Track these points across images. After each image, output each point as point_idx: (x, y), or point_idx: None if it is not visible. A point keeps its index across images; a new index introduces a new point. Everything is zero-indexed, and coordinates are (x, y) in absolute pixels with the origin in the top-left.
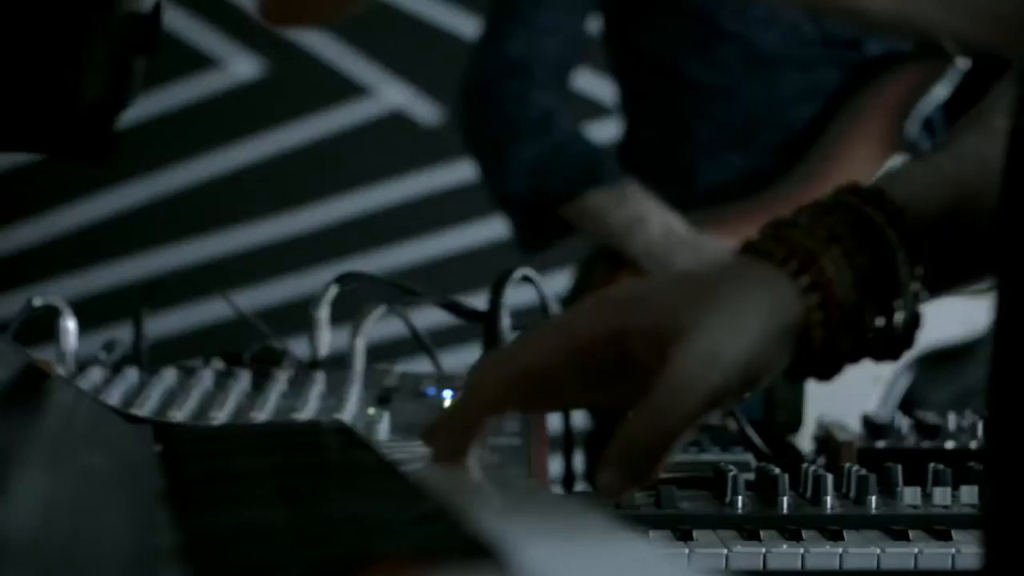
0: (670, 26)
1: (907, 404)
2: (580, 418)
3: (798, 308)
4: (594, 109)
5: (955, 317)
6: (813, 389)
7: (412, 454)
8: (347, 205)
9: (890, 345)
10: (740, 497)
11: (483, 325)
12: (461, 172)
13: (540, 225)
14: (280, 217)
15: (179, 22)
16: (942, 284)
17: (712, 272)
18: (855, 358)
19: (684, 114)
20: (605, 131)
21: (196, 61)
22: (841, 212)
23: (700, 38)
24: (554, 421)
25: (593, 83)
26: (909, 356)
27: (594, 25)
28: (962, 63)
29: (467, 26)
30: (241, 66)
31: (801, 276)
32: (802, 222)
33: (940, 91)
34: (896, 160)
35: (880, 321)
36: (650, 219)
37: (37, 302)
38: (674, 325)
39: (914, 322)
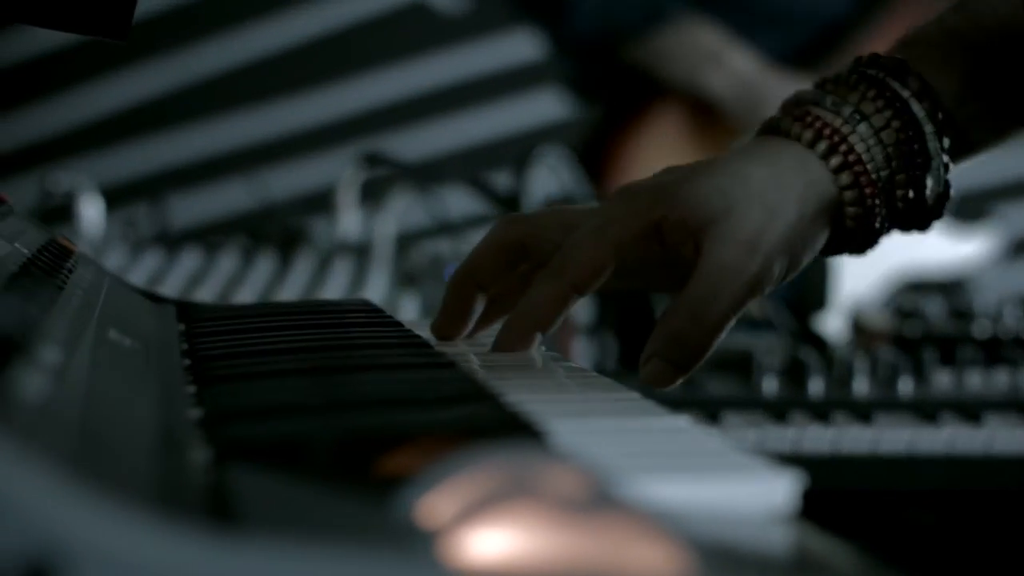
0: None
1: None
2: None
3: (831, 188)
4: None
5: None
6: (839, 270)
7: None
8: (371, 90)
9: (921, 216)
10: (769, 379)
11: (508, 206)
12: (483, 59)
13: (604, 69)
14: (304, 101)
15: None
16: (966, 150)
17: (741, 158)
18: (887, 231)
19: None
20: None
21: None
22: (865, 87)
23: None
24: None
25: None
26: None
27: None
28: None
29: None
30: None
31: (831, 157)
32: (826, 101)
33: None
34: None
35: (910, 193)
36: (724, 57)
37: (59, 182)
38: (708, 214)
39: (945, 192)
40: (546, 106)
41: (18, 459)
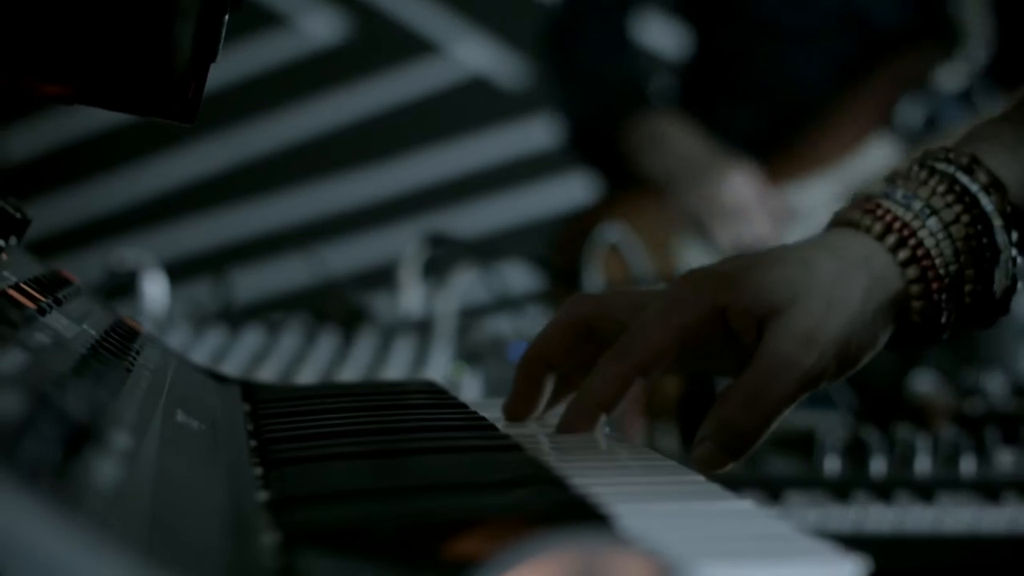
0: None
1: None
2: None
3: (897, 282)
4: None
5: None
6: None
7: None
8: (432, 165)
9: (987, 312)
10: (831, 458)
11: (568, 284)
12: (545, 134)
13: (592, 150)
14: (366, 177)
15: None
16: None
17: (809, 248)
18: (953, 326)
19: (711, 72)
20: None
21: (269, 19)
22: (935, 182)
23: (730, 10)
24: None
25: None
26: None
27: None
28: (976, 56)
29: None
30: (317, 25)
31: (900, 250)
32: (896, 195)
33: (948, 82)
34: (878, 136)
35: (978, 287)
36: (668, 140)
37: (123, 259)
38: (772, 305)
39: (1012, 286)
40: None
41: (93, 546)
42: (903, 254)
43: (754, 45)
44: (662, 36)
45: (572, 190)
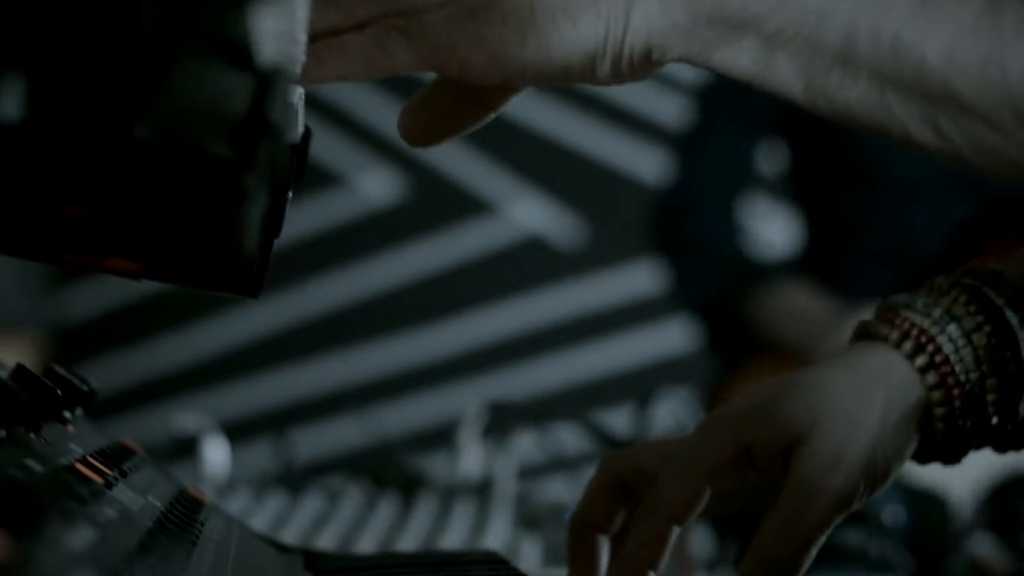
0: (827, 162)
1: None
2: None
3: (917, 391)
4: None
5: None
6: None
7: None
8: (489, 325)
9: (1014, 434)
10: None
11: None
12: (602, 293)
13: (718, 324)
14: (420, 338)
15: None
16: None
17: (824, 368)
18: (979, 443)
19: (833, 237)
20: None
21: (326, 179)
22: (958, 292)
23: (849, 172)
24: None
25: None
26: None
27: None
28: None
29: (603, 144)
30: (373, 185)
31: (917, 356)
32: (917, 304)
33: None
34: None
35: (1002, 400)
36: (803, 310)
37: (184, 424)
38: (795, 434)
39: None
40: (667, 340)
41: None
42: (921, 360)
43: (877, 204)
44: (770, 220)
45: (630, 350)
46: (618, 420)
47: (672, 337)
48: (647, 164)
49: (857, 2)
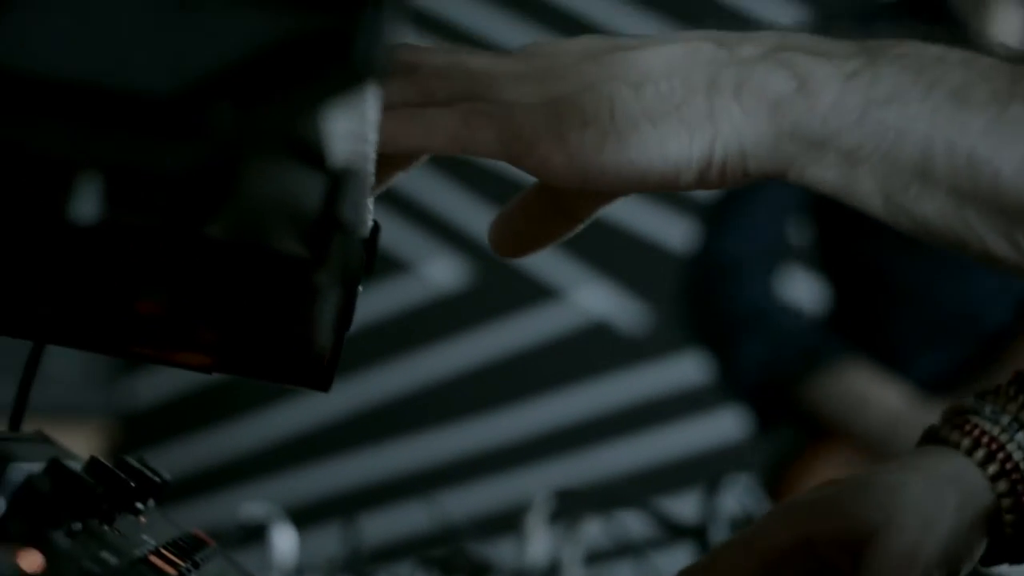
0: (875, 230)
1: None
2: None
3: (988, 497)
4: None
5: None
6: None
7: None
8: (553, 410)
9: None
10: None
11: (695, 535)
12: (666, 378)
13: (774, 410)
14: (485, 423)
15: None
16: None
17: (898, 469)
18: None
19: (885, 311)
20: None
21: (392, 266)
22: None
23: (902, 242)
24: None
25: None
26: None
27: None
28: None
29: (669, 230)
30: (439, 271)
31: (989, 465)
32: (984, 410)
33: None
34: None
35: None
36: (873, 398)
37: (252, 513)
38: (866, 529)
39: None
40: (731, 425)
41: None
42: (992, 468)
43: (928, 272)
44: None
45: (695, 435)
46: (683, 506)
47: (736, 422)
48: None
49: (934, 118)
